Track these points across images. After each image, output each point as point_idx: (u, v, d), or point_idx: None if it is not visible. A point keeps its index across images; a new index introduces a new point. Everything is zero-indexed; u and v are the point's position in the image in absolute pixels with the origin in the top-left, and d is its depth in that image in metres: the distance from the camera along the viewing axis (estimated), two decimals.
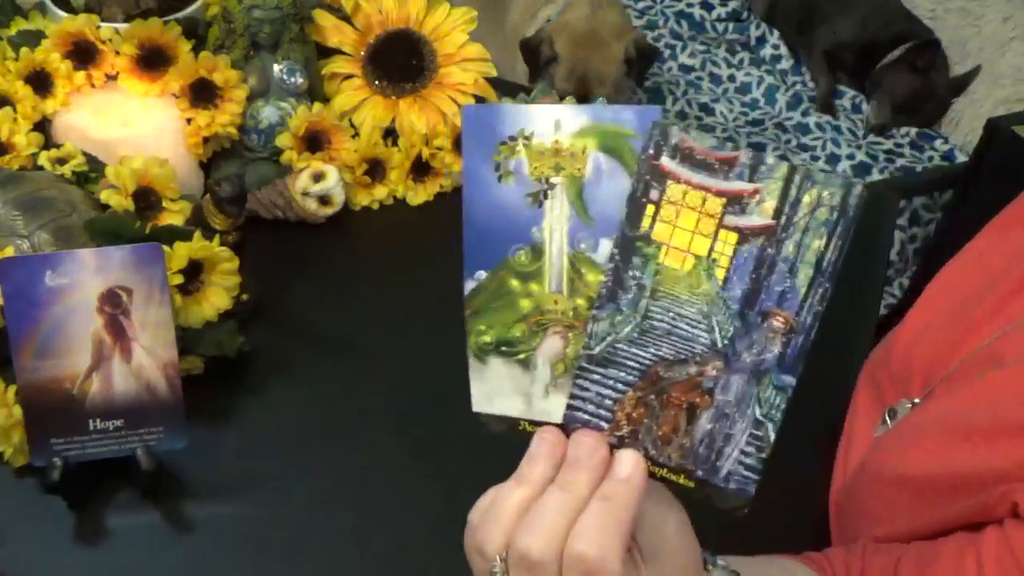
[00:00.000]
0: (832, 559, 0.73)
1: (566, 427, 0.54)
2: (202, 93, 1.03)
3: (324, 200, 1.07)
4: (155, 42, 1.03)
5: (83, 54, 1.04)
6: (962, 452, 0.67)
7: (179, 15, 1.08)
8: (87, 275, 0.78)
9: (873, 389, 0.86)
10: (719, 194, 0.50)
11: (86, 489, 0.82)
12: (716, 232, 0.51)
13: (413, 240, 1.11)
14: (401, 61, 1.13)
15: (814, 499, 0.86)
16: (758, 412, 0.51)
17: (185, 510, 0.83)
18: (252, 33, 1.05)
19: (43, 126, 1.03)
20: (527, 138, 0.52)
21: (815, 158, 2.13)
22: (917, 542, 0.69)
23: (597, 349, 0.53)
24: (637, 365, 0.52)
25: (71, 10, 1.07)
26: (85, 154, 0.99)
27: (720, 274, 0.51)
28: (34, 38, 1.04)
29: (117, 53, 1.04)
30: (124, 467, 0.82)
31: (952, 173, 2.03)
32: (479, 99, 1.15)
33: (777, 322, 0.50)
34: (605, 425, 0.53)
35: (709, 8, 2.48)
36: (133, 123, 1.04)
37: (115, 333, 0.80)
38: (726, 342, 0.51)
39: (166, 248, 0.84)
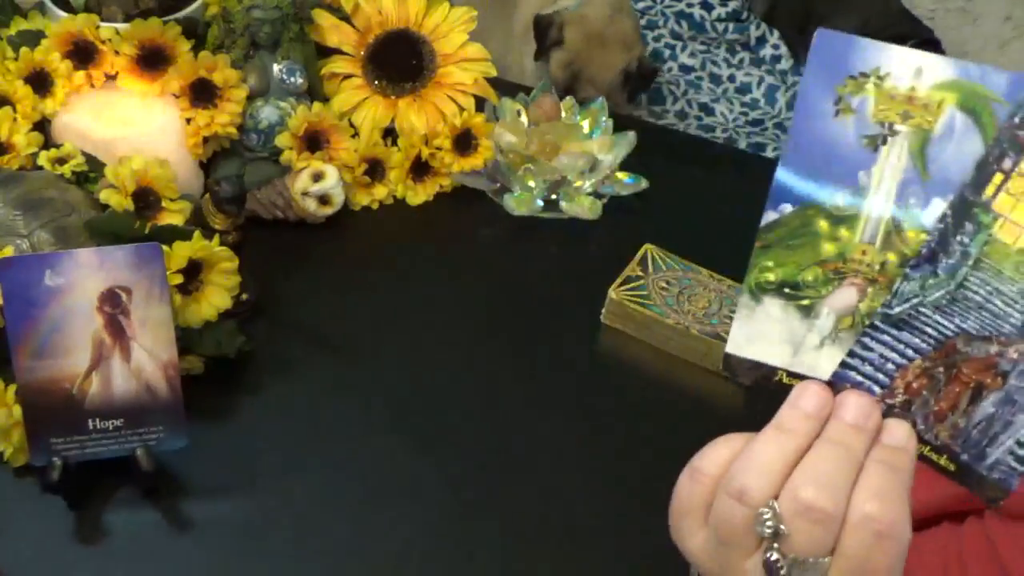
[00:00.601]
0: None
1: (833, 385, 0.51)
2: (202, 93, 1.03)
3: (324, 200, 1.07)
4: (155, 42, 1.03)
5: (83, 54, 1.03)
6: None
7: (179, 15, 1.08)
8: (86, 275, 0.78)
9: None
10: None
11: (86, 489, 0.82)
12: None
13: (413, 240, 1.10)
14: (401, 61, 1.13)
15: None
16: None
17: (185, 510, 0.83)
18: (252, 33, 1.05)
19: (43, 126, 1.03)
20: (880, 78, 0.50)
21: None
22: None
23: (897, 309, 0.50)
24: (936, 334, 0.50)
25: (71, 10, 1.07)
26: (85, 154, 0.99)
27: None
28: (34, 38, 1.04)
29: (117, 53, 1.03)
30: (124, 467, 0.82)
31: None
32: (479, 99, 1.15)
33: None
34: (877, 390, 0.50)
35: (709, 8, 2.48)
36: (133, 123, 1.04)
37: (114, 333, 0.80)
38: None
39: (165, 248, 0.84)
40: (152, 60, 1.04)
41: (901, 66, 0.50)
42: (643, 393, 0.97)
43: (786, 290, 0.51)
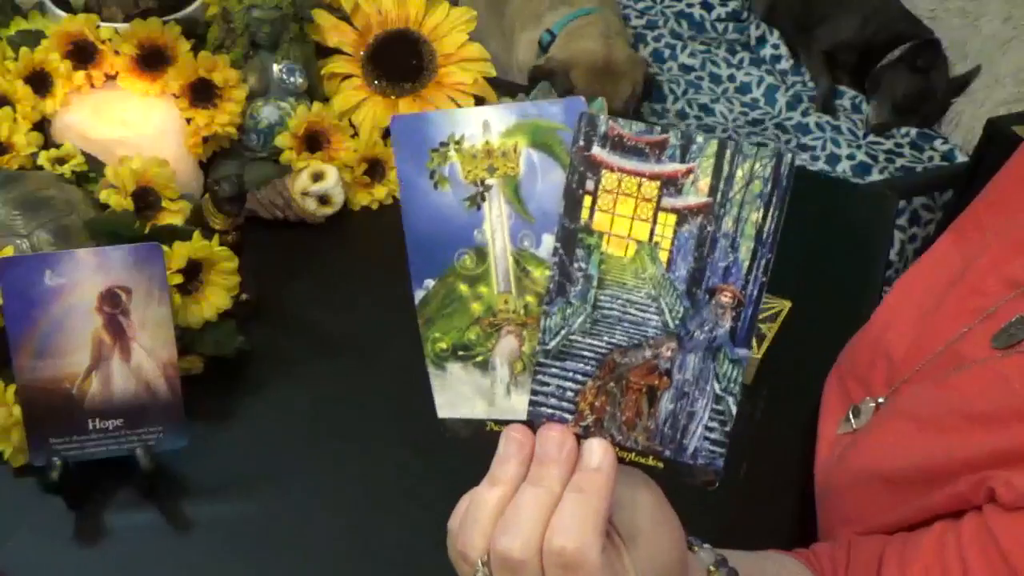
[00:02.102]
0: (818, 553, 0.74)
1: (531, 423, 0.54)
2: (202, 93, 1.03)
3: (323, 200, 1.07)
4: (155, 42, 1.03)
5: (83, 54, 1.03)
6: (932, 444, 0.68)
7: (179, 15, 1.08)
8: (86, 275, 0.78)
9: (840, 388, 0.87)
10: (653, 177, 0.51)
11: (86, 489, 0.82)
12: (655, 215, 0.51)
13: None
14: (400, 61, 1.13)
15: (806, 496, 0.86)
16: (717, 387, 0.52)
17: (184, 510, 0.83)
18: (252, 33, 1.05)
19: (43, 126, 1.03)
20: (457, 142, 0.53)
21: (815, 158, 2.13)
22: (900, 533, 0.70)
23: (552, 343, 0.53)
24: (593, 355, 0.53)
25: (71, 10, 1.07)
26: (84, 154, 0.99)
27: (663, 256, 0.51)
28: (34, 38, 1.04)
29: (117, 53, 1.03)
30: (124, 467, 0.82)
31: (952, 173, 2.03)
32: (479, 99, 1.15)
33: (725, 298, 0.51)
34: (569, 417, 0.54)
35: (709, 8, 2.48)
36: (133, 123, 1.04)
37: (114, 333, 0.80)
38: (677, 322, 0.52)
39: (165, 248, 0.84)
40: (152, 60, 1.04)
41: (470, 126, 0.53)
42: None
43: (460, 353, 0.55)
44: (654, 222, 0.51)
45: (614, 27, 2.12)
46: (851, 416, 0.81)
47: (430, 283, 0.55)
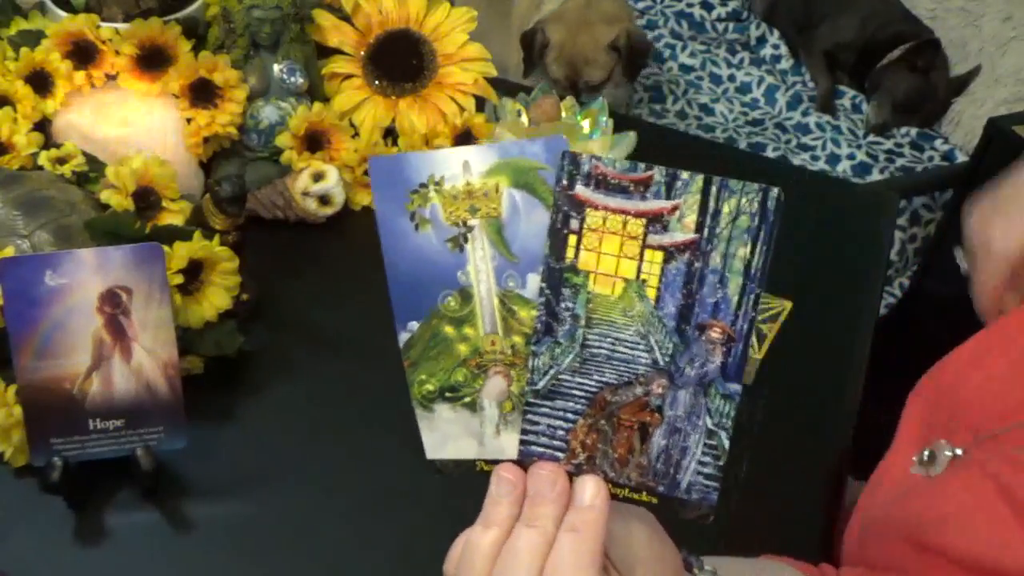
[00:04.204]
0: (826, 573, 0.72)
1: (522, 462, 0.54)
2: (202, 93, 1.03)
3: (324, 200, 1.07)
4: (155, 42, 1.03)
5: (83, 54, 1.03)
6: (1018, 539, 0.63)
7: (179, 15, 1.08)
8: (87, 275, 0.78)
9: (920, 418, 0.80)
10: (639, 215, 0.51)
11: (86, 489, 0.82)
12: (642, 253, 0.51)
13: None
14: (401, 61, 1.13)
15: (807, 496, 0.86)
16: (709, 422, 0.52)
17: (185, 510, 0.83)
18: (252, 33, 1.05)
19: (43, 126, 1.03)
20: (438, 183, 0.52)
21: (815, 158, 2.13)
22: None
23: (541, 383, 0.53)
24: (583, 394, 0.53)
25: (71, 10, 1.07)
26: (85, 154, 0.99)
27: (651, 294, 0.51)
28: (34, 38, 1.04)
29: (117, 53, 1.03)
30: (124, 467, 0.82)
31: (952, 173, 2.03)
32: (479, 99, 1.15)
33: (715, 333, 0.51)
34: (561, 455, 0.54)
35: (709, 8, 2.48)
36: (133, 123, 1.04)
37: (115, 333, 0.80)
38: (667, 359, 0.51)
39: (166, 248, 0.84)
40: (152, 60, 1.04)
41: (451, 166, 0.52)
42: None
43: (447, 394, 0.55)
44: (641, 259, 0.51)
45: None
46: (925, 458, 0.75)
47: (414, 326, 0.55)
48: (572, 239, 0.51)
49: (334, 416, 0.92)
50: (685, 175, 0.50)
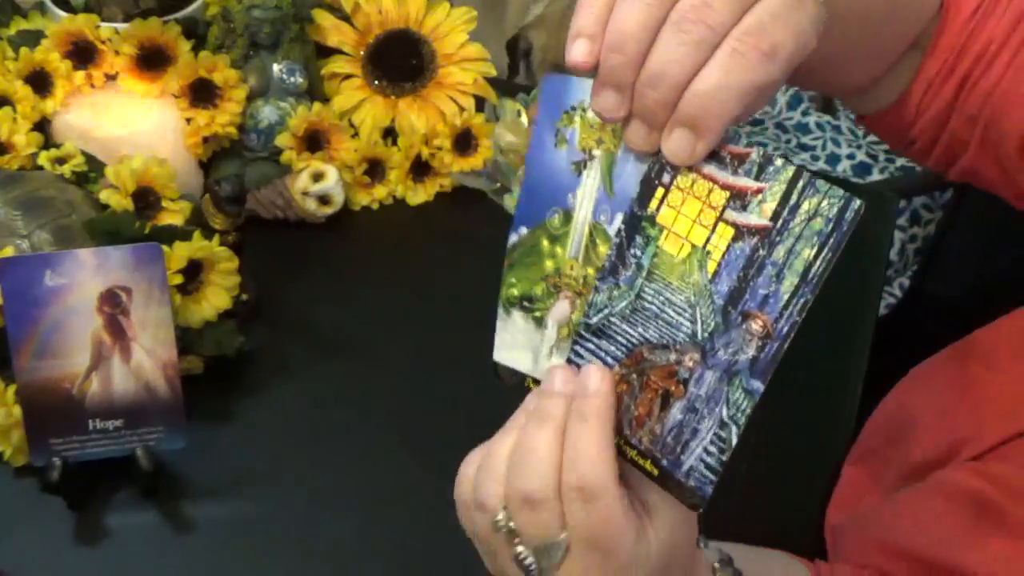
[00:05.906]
0: (835, 571, 0.72)
1: None
2: (202, 93, 1.03)
3: (324, 200, 1.07)
4: (155, 42, 1.03)
5: (83, 54, 1.03)
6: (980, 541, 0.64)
7: (179, 15, 1.08)
8: (86, 275, 0.78)
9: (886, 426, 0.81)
10: (724, 187, 0.51)
11: (86, 489, 0.82)
12: (715, 225, 0.51)
13: (413, 240, 1.10)
14: (401, 61, 1.13)
15: (807, 496, 0.86)
16: (725, 413, 0.51)
17: (185, 510, 0.83)
18: (252, 33, 1.05)
19: (43, 126, 1.03)
20: (584, 110, 0.54)
21: (815, 158, 2.13)
22: None
23: (595, 319, 0.54)
24: (625, 341, 0.54)
25: (71, 10, 1.07)
26: (85, 154, 0.99)
27: (711, 267, 0.51)
28: (34, 38, 1.04)
29: (117, 53, 1.03)
30: (124, 467, 0.82)
31: None
32: (479, 99, 1.15)
33: (756, 325, 0.51)
34: None
35: None
36: (133, 123, 1.04)
37: (114, 333, 0.80)
38: (706, 335, 0.52)
39: (165, 248, 0.84)
40: (152, 60, 1.04)
41: None
42: None
43: (525, 304, 0.57)
44: (712, 231, 0.51)
45: None
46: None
47: (523, 231, 0.57)
48: (660, 192, 0.52)
49: (334, 416, 0.92)
50: (779, 162, 0.50)
